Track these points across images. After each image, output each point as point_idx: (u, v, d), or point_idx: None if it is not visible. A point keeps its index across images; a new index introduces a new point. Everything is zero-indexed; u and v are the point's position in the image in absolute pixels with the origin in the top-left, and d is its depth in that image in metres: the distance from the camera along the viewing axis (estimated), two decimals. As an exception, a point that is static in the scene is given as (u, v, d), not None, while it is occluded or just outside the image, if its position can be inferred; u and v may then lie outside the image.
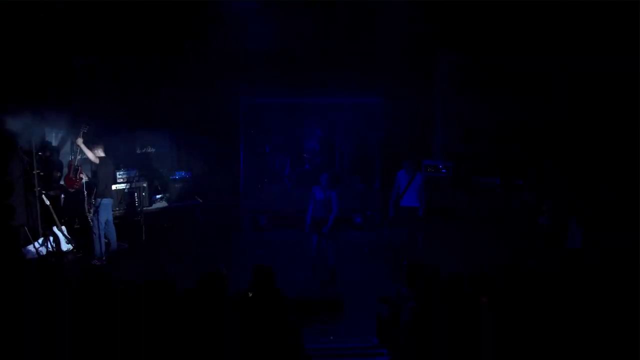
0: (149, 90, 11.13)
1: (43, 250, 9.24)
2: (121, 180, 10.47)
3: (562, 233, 9.08)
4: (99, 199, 9.08)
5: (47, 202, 9.35)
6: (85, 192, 9.70)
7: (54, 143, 10.36)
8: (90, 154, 9.10)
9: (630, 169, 9.34)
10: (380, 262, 9.53)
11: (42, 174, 9.54)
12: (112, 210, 10.08)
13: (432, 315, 5.01)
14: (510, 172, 11.23)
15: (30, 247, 9.23)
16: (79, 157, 10.35)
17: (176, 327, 4.69)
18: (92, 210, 9.25)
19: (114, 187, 10.29)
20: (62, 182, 9.99)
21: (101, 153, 9.26)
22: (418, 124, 11.78)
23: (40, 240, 9.35)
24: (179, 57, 11.17)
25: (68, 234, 9.60)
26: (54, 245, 9.37)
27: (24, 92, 9.37)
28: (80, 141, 9.14)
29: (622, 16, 9.08)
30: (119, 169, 10.55)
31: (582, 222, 8.64)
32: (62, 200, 10.05)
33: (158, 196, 11.29)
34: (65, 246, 9.52)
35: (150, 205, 10.92)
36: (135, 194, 10.52)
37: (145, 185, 10.71)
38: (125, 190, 10.48)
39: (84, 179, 9.49)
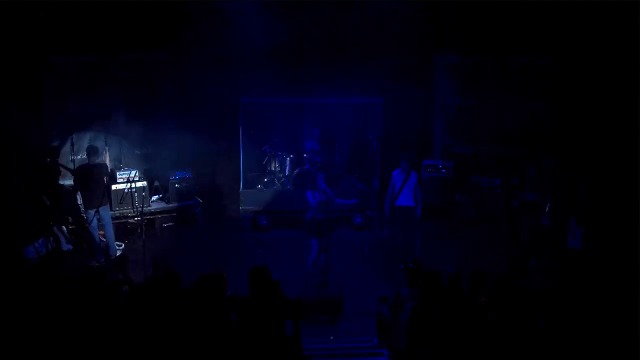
0: (148, 90, 11.13)
1: (43, 250, 9.24)
2: (121, 180, 10.46)
3: (563, 232, 9.08)
4: (93, 209, 9.16)
5: (47, 202, 9.35)
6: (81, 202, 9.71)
7: (54, 143, 10.36)
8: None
9: (631, 167, 9.33)
10: (380, 262, 9.53)
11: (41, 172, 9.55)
12: (112, 211, 10.11)
13: (432, 316, 5.01)
14: (510, 172, 11.21)
15: (30, 247, 9.22)
16: (78, 157, 10.38)
17: (175, 327, 4.69)
18: (92, 218, 9.29)
19: (114, 187, 10.32)
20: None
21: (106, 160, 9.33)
22: (418, 124, 11.77)
23: (40, 240, 9.34)
24: (179, 57, 11.17)
25: (68, 234, 9.61)
26: (54, 245, 9.37)
27: (23, 91, 9.37)
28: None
29: (621, 14, 9.07)
30: (119, 169, 10.55)
31: (582, 221, 8.64)
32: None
33: (158, 196, 11.28)
34: (65, 246, 9.52)
35: (150, 205, 10.92)
36: (135, 194, 10.51)
37: (145, 185, 10.70)
38: (125, 190, 10.47)
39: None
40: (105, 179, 9.50)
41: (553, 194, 10.47)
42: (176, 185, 11.10)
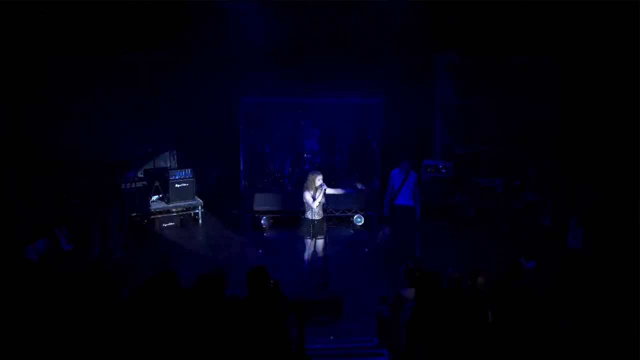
0: (148, 90, 11.14)
1: (43, 250, 9.23)
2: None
3: (563, 232, 9.09)
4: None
5: (48, 202, 9.36)
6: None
7: None
8: None
9: (631, 167, 9.34)
10: (380, 262, 9.53)
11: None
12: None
13: (432, 316, 5.01)
14: (510, 172, 11.22)
15: (30, 247, 9.22)
16: None
17: (175, 327, 4.69)
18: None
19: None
20: None
21: None
22: (418, 124, 11.78)
23: (40, 240, 9.34)
24: (179, 57, 11.17)
25: (68, 234, 9.61)
26: (54, 245, 9.37)
27: (22, 91, 9.38)
28: None
29: (621, 14, 9.07)
30: (118, 169, 10.57)
31: (582, 221, 8.65)
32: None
33: (158, 196, 11.28)
34: (65, 246, 9.52)
35: (150, 205, 10.91)
36: (135, 194, 10.51)
37: (145, 185, 10.70)
38: (125, 191, 10.47)
39: None
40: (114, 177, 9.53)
41: (553, 194, 10.47)
42: (176, 185, 11.10)
